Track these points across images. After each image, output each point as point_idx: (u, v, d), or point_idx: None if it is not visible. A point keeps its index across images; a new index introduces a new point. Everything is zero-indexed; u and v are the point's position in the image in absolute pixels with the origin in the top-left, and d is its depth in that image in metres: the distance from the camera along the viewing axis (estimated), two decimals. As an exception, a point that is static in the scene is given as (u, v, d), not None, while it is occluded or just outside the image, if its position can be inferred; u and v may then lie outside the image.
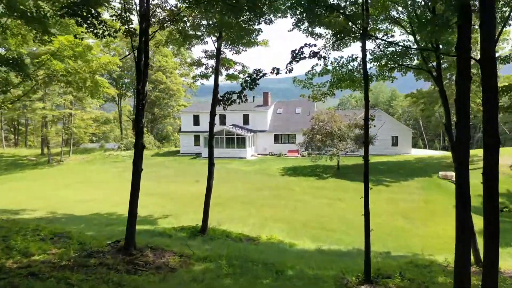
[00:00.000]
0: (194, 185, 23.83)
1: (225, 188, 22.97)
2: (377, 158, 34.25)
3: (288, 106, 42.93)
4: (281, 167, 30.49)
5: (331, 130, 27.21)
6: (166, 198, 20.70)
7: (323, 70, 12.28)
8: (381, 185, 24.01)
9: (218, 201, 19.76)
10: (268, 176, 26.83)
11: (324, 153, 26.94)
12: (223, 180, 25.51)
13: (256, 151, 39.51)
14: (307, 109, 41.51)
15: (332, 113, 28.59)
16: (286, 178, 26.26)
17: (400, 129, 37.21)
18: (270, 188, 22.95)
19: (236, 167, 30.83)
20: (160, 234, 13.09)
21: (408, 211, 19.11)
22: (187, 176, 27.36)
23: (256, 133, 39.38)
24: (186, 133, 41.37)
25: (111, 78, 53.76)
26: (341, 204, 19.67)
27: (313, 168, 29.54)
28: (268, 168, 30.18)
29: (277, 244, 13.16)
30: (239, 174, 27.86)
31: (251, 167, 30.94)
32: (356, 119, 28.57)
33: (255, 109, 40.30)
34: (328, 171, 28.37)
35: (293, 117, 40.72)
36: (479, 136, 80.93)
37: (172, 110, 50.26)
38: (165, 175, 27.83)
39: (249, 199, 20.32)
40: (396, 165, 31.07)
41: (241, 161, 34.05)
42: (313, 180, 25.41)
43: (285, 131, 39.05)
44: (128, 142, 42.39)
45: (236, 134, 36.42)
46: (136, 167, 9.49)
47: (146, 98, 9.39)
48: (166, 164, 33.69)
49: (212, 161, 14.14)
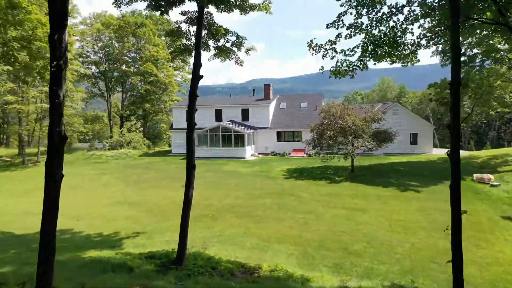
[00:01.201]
0: (180, 192, 19.92)
1: (218, 195, 19.13)
2: (395, 158, 30.39)
3: (292, 100, 39.08)
4: (285, 168, 26.64)
5: (345, 125, 23.35)
6: (143, 208, 16.88)
7: (354, 27, 8.44)
8: (409, 191, 20.14)
9: (207, 212, 15.92)
10: (270, 180, 22.98)
11: (337, 152, 23.04)
12: (217, 185, 21.67)
13: (257, 150, 35.66)
14: (313, 103, 37.66)
15: (345, 105, 24.74)
16: (292, 182, 22.41)
17: (420, 125, 33.31)
18: (273, 195, 19.10)
19: (233, 169, 26.98)
20: (117, 267, 9.25)
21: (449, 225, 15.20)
22: (174, 180, 23.54)
23: (256, 130, 35.55)
24: (178, 131, 37.54)
25: (98, 72, 50.09)
26: (363, 217, 15.79)
27: (323, 170, 25.68)
28: (270, 170, 26.33)
29: (284, 281, 9.32)
30: (236, 177, 24.02)
31: (250, 168, 27.09)
32: (373, 111, 24.69)
33: (255, 104, 36.47)
34: (340, 174, 24.51)
35: (298, 112, 36.86)
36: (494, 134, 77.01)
37: (164, 105, 46.48)
38: (148, 179, 24.01)
39: (247, 209, 16.47)
40: (419, 166, 27.19)
41: (239, 162, 30.22)
42: (324, 185, 21.55)
43: (289, 128, 35.21)
44: (114, 141, 38.59)
45: (234, 131, 32.60)
46: (52, 173, 5.58)
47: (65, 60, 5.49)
48: (153, 165, 29.86)
49: (193, 163, 10.34)
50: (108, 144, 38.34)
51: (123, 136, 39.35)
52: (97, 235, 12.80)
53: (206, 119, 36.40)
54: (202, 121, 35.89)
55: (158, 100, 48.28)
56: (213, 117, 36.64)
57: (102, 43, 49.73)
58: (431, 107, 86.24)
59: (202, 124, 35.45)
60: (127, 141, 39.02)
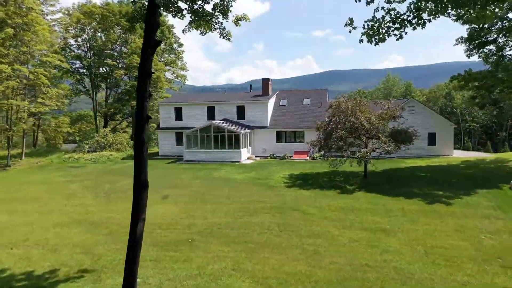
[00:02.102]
0: (157, 205, 16.46)
1: (204, 211, 15.58)
2: (411, 162, 26.90)
3: (294, 96, 35.56)
4: (286, 174, 23.11)
5: (357, 124, 19.85)
6: (103, 230, 13.30)
7: None
8: (438, 204, 16.61)
9: (186, 235, 12.38)
10: (269, 189, 19.44)
11: (348, 156, 19.51)
12: (204, 196, 18.12)
13: (254, 153, 32.13)
14: (317, 99, 34.17)
15: (357, 99, 21.22)
16: (295, 192, 18.86)
17: (438, 124, 29.82)
18: (273, 210, 15.56)
19: (225, 175, 23.44)
20: None
21: (502, 252, 11.70)
22: (154, 189, 19.94)
23: (253, 130, 32.03)
24: (166, 131, 33.99)
25: (83, 67, 46.48)
26: (389, 241, 12.27)
27: (331, 177, 22.16)
28: (269, 176, 22.79)
29: None
30: (229, 185, 20.47)
31: (245, 174, 23.55)
32: (391, 107, 21.20)
33: (252, 100, 32.95)
34: (352, 181, 20.99)
35: (300, 110, 33.35)
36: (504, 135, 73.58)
37: (153, 103, 42.88)
38: (123, 188, 20.43)
39: (239, 231, 12.92)
40: (442, 171, 23.69)
41: (234, 166, 26.67)
42: (334, 196, 18.01)
43: (290, 127, 31.69)
44: (94, 142, 35.00)
45: (228, 131, 29.06)
46: None
47: None
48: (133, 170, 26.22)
49: (144, 180, 6.85)
50: (87, 146, 34.71)
51: (105, 137, 35.76)
52: (24, 276, 9.24)
53: (197, 118, 32.87)
54: (193, 120, 32.41)
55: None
56: (205, 115, 33.10)
57: (86, 35, 46.20)
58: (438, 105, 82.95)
59: (193, 123, 31.95)
60: (110, 143, 35.44)
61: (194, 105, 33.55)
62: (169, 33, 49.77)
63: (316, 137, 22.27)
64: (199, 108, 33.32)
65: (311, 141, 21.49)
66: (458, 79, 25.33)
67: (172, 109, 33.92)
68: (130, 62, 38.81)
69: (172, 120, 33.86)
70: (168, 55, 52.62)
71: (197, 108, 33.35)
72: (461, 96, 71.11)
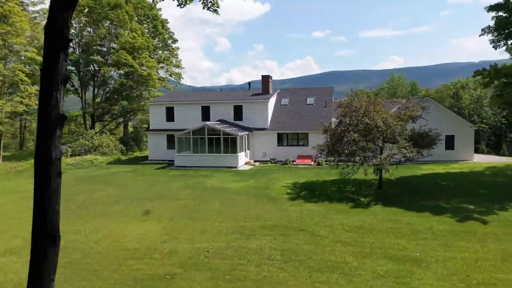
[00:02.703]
0: (136, 223, 13.90)
1: (190, 231, 13.01)
2: (428, 168, 24.36)
3: (296, 95, 33.03)
4: (289, 183, 20.56)
5: (372, 125, 17.31)
6: (60, 259, 10.64)
7: None
8: (471, 221, 14.07)
9: (164, 268, 9.80)
10: (270, 202, 16.88)
11: (362, 162, 16.94)
12: (192, 211, 15.54)
13: (252, 157, 29.58)
14: (322, 98, 31.65)
15: (371, 97, 18.68)
16: (300, 205, 16.29)
17: (457, 125, 27.29)
18: (274, 231, 12.99)
19: (219, 184, 20.88)
20: None
21: None
22: (136, 201, 17.41)
23: (252, 132, 29.49)
24: (156, 133, 31.43)
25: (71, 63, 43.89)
26: (422, 276, 9.71)
27: (340, 186, 19.62)
28: (269, 185, 20.23)
29: None
30: (223, 197, 17.91)
31: (243, 183, 20.99)
32: (410, 106, 18.69)
33: (251, 99, 30.41)
34: (365, 191, 18.46)
35: (304, 110, 30.81)
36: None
37: (144, 103, 40.35)
38: (99, 200, 17.82)
39: (232, 263, 10.34)
40: (466, 179, 21.15)
41: (230, 173, 24.11)
42: (347, 211, 15.45)
43: (292, 129, 29.15)
44: (78, 145, 32.41)
45: (224, 133, 26.51)
46: None
47: None
48: (116, 177, 23.68)
49: (46, 228, 4.11)
50: (70, 149, 32.13)
51: (91, 139, 33.20)
52: None
53: (191, 119, 30.33)
54: (185, 122, 29.91)
55: (139, 97, 42.02)
56: (198, 116, 30.55)
57: (74, 30, 43.67)
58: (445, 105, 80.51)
59: (186, 124, 29.42)
60: (95, 146, 32.87)
61: (187, 104, 31.01)
62: (163, 28, 47.29)
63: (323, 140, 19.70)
64: (192, 108, 30.77)
65: (318, 146, 18.94)
66: (483, 75, 22.82)
67: (163, 109, 31.38)
68: (117, 58, 36.21)
69: (163, 121, 31.32)
70: (162, 52, 50.14)
71: (190, 107, 30.80)
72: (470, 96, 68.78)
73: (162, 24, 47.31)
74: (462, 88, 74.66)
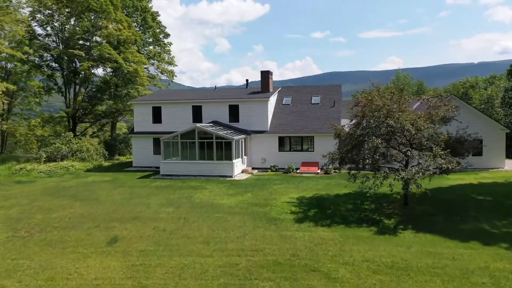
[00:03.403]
0: (95, 258, 10.72)
1: (165, 271, 9.86)
2: (456, 178, 21.24)
3: (300, 93, 29.89)
4: (294, 198, 17.39)
5: (398, 128, 14.18)
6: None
7: None
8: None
9: None
10: (271, 224, 13.72)
11: (385, 175, 13.76)
12: (171, 239, 12.35)
13: (250, 164, 26.42)
14: (329, 97, 28.53)
15: (395, 93, 15.53)
16: (310, 230, 13.13)
17: (486, 127, 24.15)
18: (277, 271, 9.86)
19: (210, 199, 17.69)
20: None
21: None
22: (104, 224, 14.24)
23: (250, 136, 26.34)
24: (141, 136, 28.26)
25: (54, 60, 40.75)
26: None
27: (356, 201, 16.48)
28: (269, 200, 17.06)
29: None
30: (212, 217, 14.75)
31: (238, 197, 17.82)
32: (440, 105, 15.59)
33: (248, 98, 27.29)
34: (388, 209, 15.33)
35: (309, 110, 27.67)
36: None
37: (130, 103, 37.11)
38: (59, 221, 14.61)
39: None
40: (505, 193, 17.96)
41: (223, 184, 20.94)
42: (370, 238, 12.29)
43: (296, 132, 26.00)
44: (54, 149, 29.20)
45: (217, 137, 23.34)
46: None
47: None
48: (89, 189, 20.44)
49: None
50: (45, 154, 28.93)
51: (68, 143, 30.00)
52: None
53: (180, 120, 27.18)
54: (174, 123, 26.85)
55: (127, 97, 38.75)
56: (189, 117, 27.39)
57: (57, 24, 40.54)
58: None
59: (175, 126, 26.32)
60: (73, 150, 29.67)
61: (176, 103, 27.84)
62: (153, 21, 44.13)
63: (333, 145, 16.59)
64: (182, 107, 27.59)
65: (330, 154, 15.79)
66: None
67: (149, 108, 28.20)
68: (100, 52, 32.98)
69: (149, 122, 28.14)
70: (154, 47, 46.96)
71: (179, 107, 27.63)
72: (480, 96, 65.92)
73: (152, 17, 44.18)
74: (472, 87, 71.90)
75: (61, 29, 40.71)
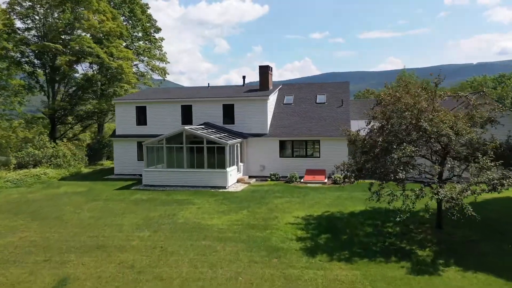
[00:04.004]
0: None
1: None
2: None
3: (303, 91, 26.98)
4: (299, 217, 14.46)
5: (434, 133, 11.26)
6: None
7: None
8: None
9: None
10: (271, 258, 10.77)
11: (419, 194, 10.78)
12: (140, 281, 9.29)
13: (247, 172, 23.51)
14: (336, 96, 25.66)
15: (427, 90, 12.66)
16: (323, 268, 10.20)
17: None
18: None
19: (197, 218, 14.75)
20: None
21: None
22: (57, 255, 11.27)
23: (246, 139, 23.44)
24: (124, 140, 25.33)
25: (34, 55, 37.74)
26: None
27: (376, 222, 13.59)
28: (269, 220, 14.12)
29: None
30: (198, 246, 11.81)
31: (231, 216, 14.88)
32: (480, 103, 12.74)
33: (245, 97, 24.38)
34: (417, 233, 12.41)
35: (314, 110, 24.77)
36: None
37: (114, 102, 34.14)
38: (1, 251, 11.64)
39: None
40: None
41: (215, 198, 18.00)
42: (403, 280, 9.34)
43: (299, 135, 23.11)
44: (25, 155, 26.24)
45: (208, 141, 20.40)
46: None
47: None
48: (57, 204, 17.45)
49: None
50: (15, 159, 25.95)
51: (43, 147, 27.03)
52: None
53: (168, 121, 24.31)
54: (161, 125, 24.03)
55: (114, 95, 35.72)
56: (178, 118, 24.48)
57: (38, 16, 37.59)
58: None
59: (162, 128, 23.47)
60: (48, 156, 26.71)
61: (163, 103, 24.91)
62: (142, 14, 41.21)
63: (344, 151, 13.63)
64: (170, 107, 24.67)
65: (344, 164, 12.87)
66: None
67: (132, 108, 25.25)
68: (80, 45, 30.00)
69: (133, 124, 25.20)
70: (144, 43, 43.99)
71: (167, 107, 24.71)
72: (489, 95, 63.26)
73: (142, 9, 41.25)
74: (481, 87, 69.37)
75: (44, 23, 37.81)
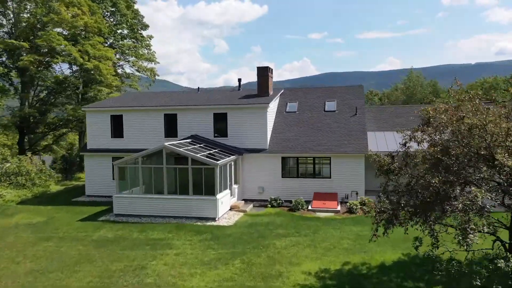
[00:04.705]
0: None
1: None
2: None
3: (309, 97, 23.30)
4: (311, 272, 10.78)
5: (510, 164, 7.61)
6: None
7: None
8: None
9: None
10: None
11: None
12: None
13: (242, 195, 19.83)
14: (347, 102, 22.02)
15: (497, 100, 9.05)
16: None
17: None
18: None
19: (171, 275, 11.05)
20: None
21: None
22: None
23: (242, 156, 19.75)
24: (96, 155, 21.62)
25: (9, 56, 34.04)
26: None
27: (419, 284, 9.91)
28: (270, 279, 10.45)
29: None
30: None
31: (219, 271, 11.20)
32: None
33: (241, 104, 20.69)
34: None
35: (322, 119, 21.11)
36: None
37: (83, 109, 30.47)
38: None
39: None
40: None
41: (200, 236, 14.29)
42: None
43: (305, 151, 19.41)
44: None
45: (194, 161, 16.66)
46: None
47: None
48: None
49: None
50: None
51: (2, 163, 23.28)
52: None
53: (149, 133, 20.67)
54: (140, 137, 20.46)
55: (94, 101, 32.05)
56: (160, 129, 20.81)
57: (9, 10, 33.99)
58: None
59: (141, 142, 19.89)
60: (9, 173, 22.98)
61: (142, 111, 21.22)
62: (128, 9, 37.53)
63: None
64: (151, 116, 20.99)
65: (377, 209, 9.21)
66: None
67: (106, 118, 21.54)
68: (47, 42, 26.22)
69: (107, 136, 21.48)
70: (130, 41, 40.30)
71: (147, 116, 21.03)
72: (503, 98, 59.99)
73: (127, 4, 37.58)
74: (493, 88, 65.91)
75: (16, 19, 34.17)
